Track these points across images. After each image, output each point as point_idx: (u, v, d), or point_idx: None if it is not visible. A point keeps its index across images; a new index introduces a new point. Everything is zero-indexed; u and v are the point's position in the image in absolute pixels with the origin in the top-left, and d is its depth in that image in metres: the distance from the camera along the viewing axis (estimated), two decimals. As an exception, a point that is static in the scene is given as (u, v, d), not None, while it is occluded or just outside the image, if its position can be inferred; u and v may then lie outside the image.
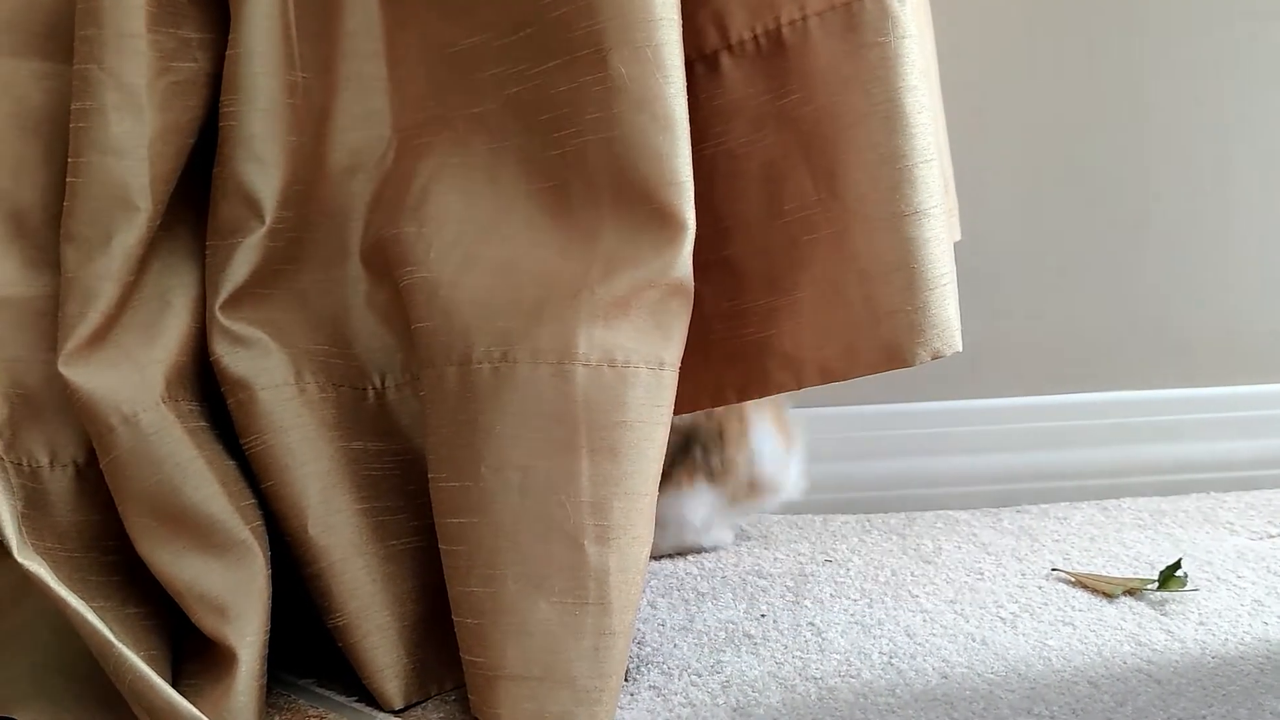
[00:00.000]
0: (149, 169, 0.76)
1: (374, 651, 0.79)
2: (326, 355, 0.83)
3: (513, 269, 0.79)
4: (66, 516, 0.75)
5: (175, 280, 0.80)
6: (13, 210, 0.78)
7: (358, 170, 0.86)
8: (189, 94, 0.79)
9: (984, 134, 1.32)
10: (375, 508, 0.82)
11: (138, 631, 0.74)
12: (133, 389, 0.75)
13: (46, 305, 0.77)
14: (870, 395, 1.31)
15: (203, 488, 0.75)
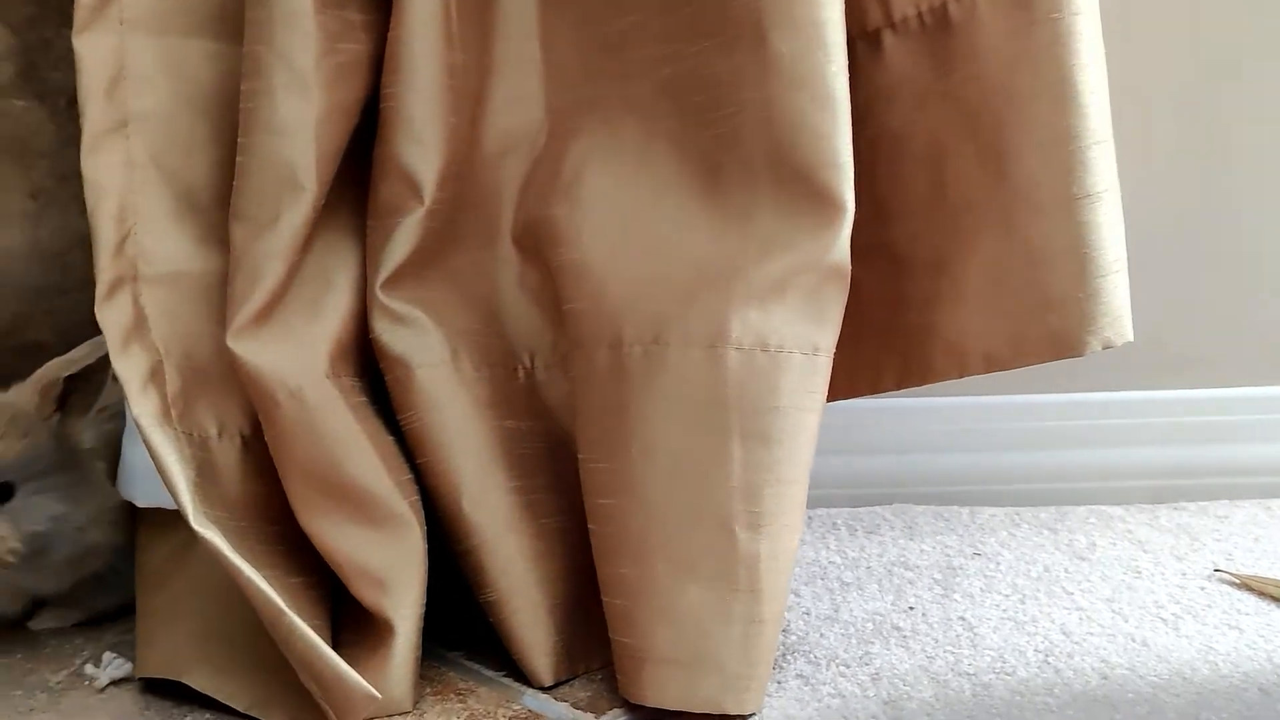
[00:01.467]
0: (314, 149, 0.77)
1: (524, 628, 0.80)
2: (480, 335, 0.84)
3: (664, 251, 0.79)
4: (234, 487, 0.77)
5: (337, 259, 0.82)
6: (184, 188, 0.80)
7: (510, 152, 0.86)
8: (353, 75, 0.79)
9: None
10: (526, 486, 0.82)
11: (301, 601, 0.75)
12: (298, 364, 0.77)
13: (216, 281, 0.79)
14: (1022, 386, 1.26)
15: (363, 462, 0.77)
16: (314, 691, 0.72)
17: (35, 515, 0.86)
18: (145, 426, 0.72)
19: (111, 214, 0.77)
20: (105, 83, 0.78)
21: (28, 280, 1.06)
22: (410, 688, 0.77)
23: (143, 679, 0.82)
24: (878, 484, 1.25)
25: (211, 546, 0.71)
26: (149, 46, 0.79)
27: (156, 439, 0.72)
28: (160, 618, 0.83)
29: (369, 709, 0.73)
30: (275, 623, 0.71)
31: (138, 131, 0.79)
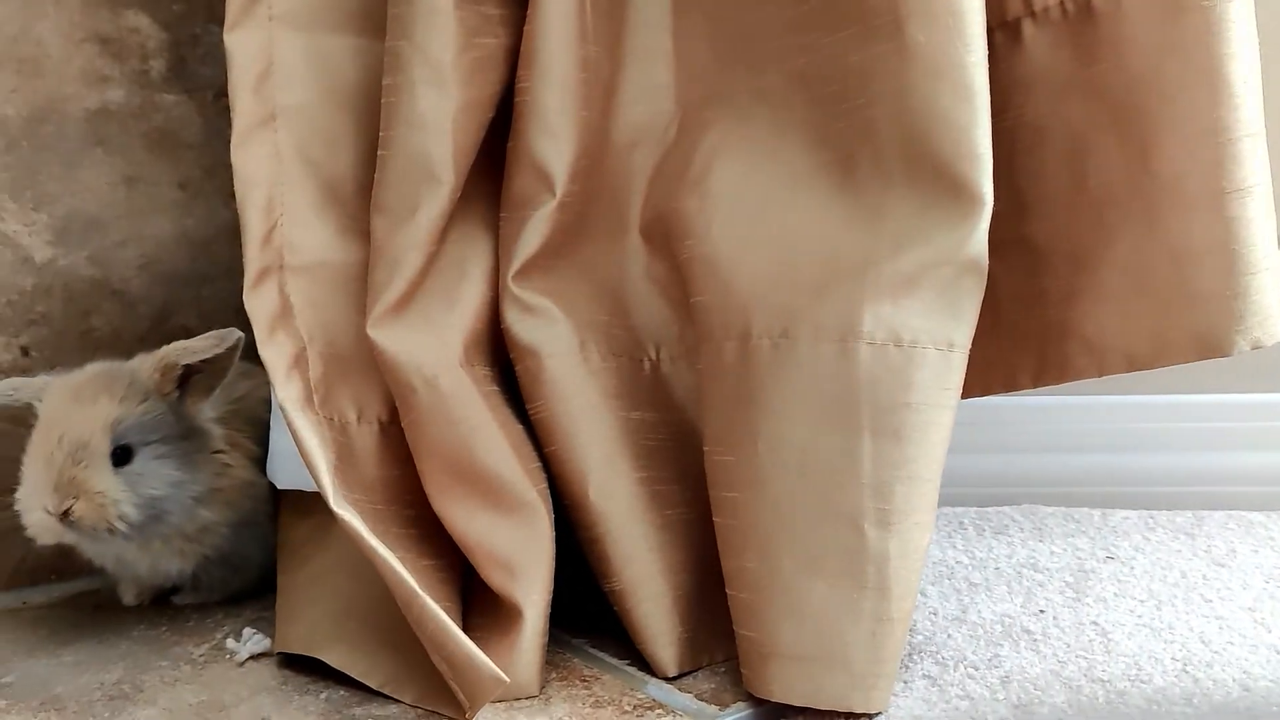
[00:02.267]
0: (452, 143, 0.79)
1: (649, 618, 0.80)
2: (607, 325, 0.84)
3: (795, 244, 0.78)
4: (371, 471, 0.79)
5: (471, 250, 0.83)
6: (328, 180, 0.82)
7: (640, 144, 0.87)
8: (490, 69, 0.81)
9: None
10: (651, 477, 0.82)
11: (433, 583, 0.77)
12: (434, 353, 0.78)
13: (357, 271, 0.82)
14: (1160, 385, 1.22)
15: (495, 449, 0.78)
16: (444, 672, 0.73)
17: (153, 480, 0.86)
18: (289, 411, 0.74)
19: (260, 205, 0.79)
20: (254, 78, 0.80)
21: (176, 267, 1.10)
22: (537, 673, 0.78)
23: (280, 654, 0.85)
24: (1005, 483, 1.22)
25: (350, 528, 0.73)
26: (295, 42, 0.82)
27: (299, 423, 0.74)
28: (300, 596, 0.86)
29: (497, 691, 0.74)
30: (409, 604, 0.73)
31: (284, 125, 0.81)
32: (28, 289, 1.03)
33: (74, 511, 0.82)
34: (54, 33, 1.02)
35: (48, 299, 1.04)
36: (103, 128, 1.05)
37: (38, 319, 1.04)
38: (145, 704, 0.79)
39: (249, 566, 0.97)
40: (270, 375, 0.75)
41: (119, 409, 0.86)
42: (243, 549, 0.95)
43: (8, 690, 0.83)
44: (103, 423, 0.85)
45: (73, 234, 1.05)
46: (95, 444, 0.84)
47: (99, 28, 1.04)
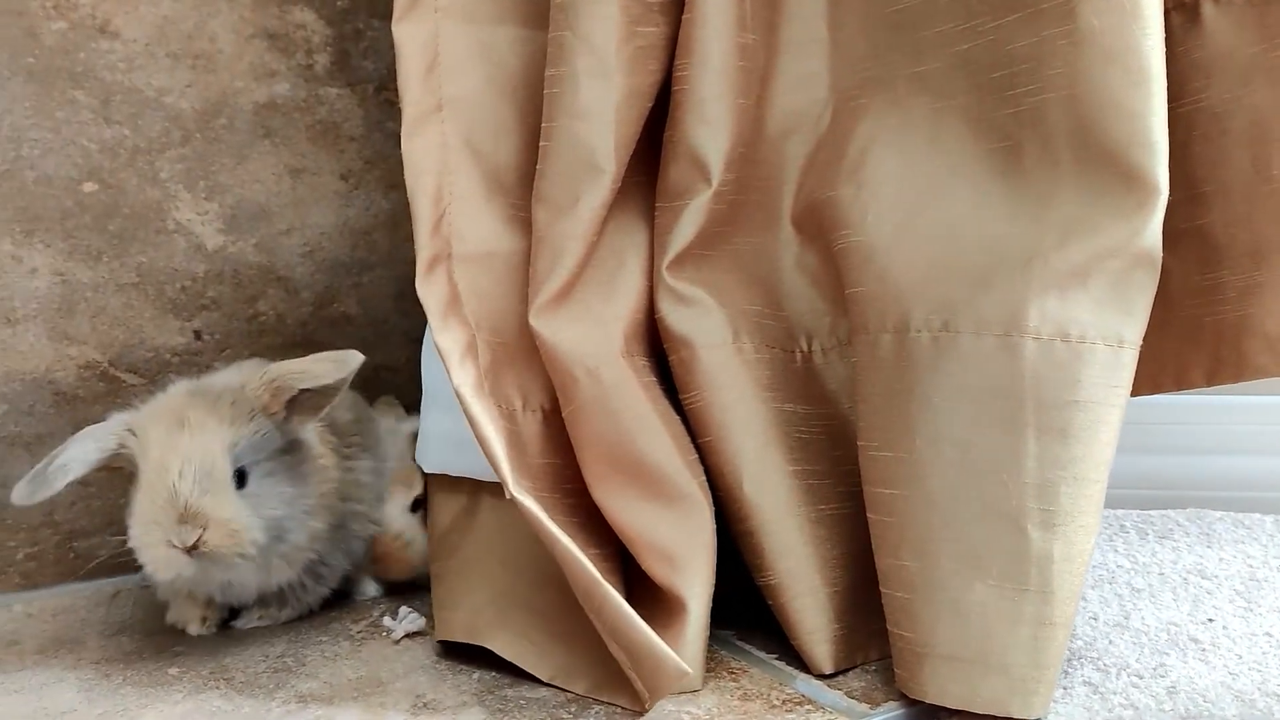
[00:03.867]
0: (613, 133, 0.79)
1: (804, 614, 0.79)
2: (760, 316, 0.84)
3: (955, 234, 0.76)
4: (536, 458, 0.80)
5: (629, 240, 0.83)
6: (492, 169, 0.83)
7: (793, 133, 0.86)
8: (650, 58, 0.81)
9: None
10: (805, 470, 0.81)
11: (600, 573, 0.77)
12: (595, 343, 0.79)
13: (519, 260, 0.82)
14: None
15: (655, 440, 0.78)
16: (623, 662, 0.73)
17: (271, 500, 0.84)
18: (465, 397, 0.75)
19: (429, 193, 0.81)
20: (422, 68, 0.82)
21: (337, 255, 1.13)
22: (700, 666, 0.78)
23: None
24: (1170, 485, 1.17)
25: (529, 515, 0.73)
26: (460, 33, 0.83)
27: (476, 409, 0.75)
28: (455, 583, 0.87)
29: (680, 684, 0.74)
30: (589, 593, 0.73)
31: (451, 115, 0.82)
32: (200, 275, 1.08)
33: (205, 542, 0.79)
34: (226, 29, 1.06)
35: (218, 284, 1.09)
36: (270, 120, 1.09)
37: (209, 304, 1.08)
38: (307, 677, 0.82)
39: (333, 574, 0.95)
40: (445, 362, 0.77)
41: (232, 431, 0.83)
42: (330, 556, 0.93)
43: (180, 659, 0.86)
44: (221, 447, 0.82)
45: (241, 222, 1.09)
46: (218, 470, 0.81)
47: (267, 24, 1.08)
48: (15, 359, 1.01)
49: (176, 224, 1.06)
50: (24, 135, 0.99)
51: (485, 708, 0.76)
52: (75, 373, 1.03)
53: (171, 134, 1.05)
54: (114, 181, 1.03)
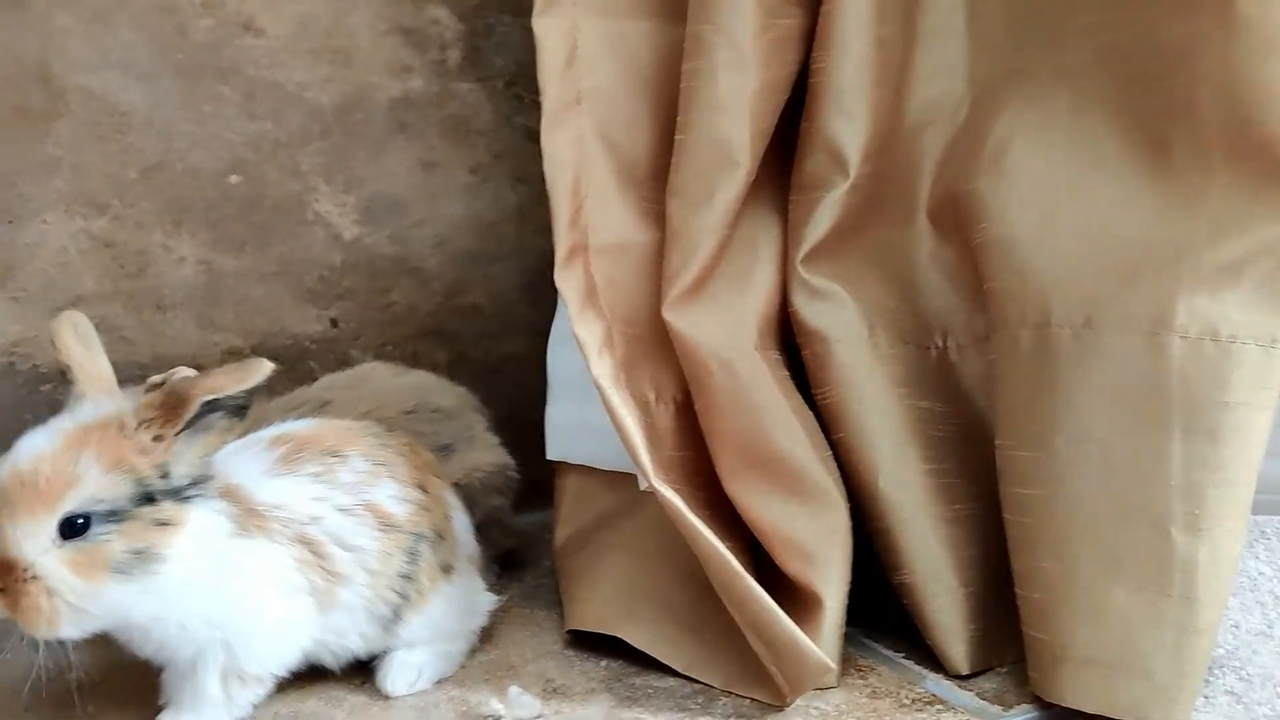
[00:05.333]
0: (750, 125, 0.79)
1: (941, 613, 0.78)
2: (895, 311, 0.83)
3: (1099, 229, 0.74)
4: (669, 450, 0.81)
5: (762, 233, 0.83)
6: (627, 163, 0.84)
7: (929, 125, 0.84)
8: (786, 50, 0.81)
9: None
10: (940, 469, 0.80)
11: (729, 566, 0.78)
12: (729, 336, 0.79)
13: (652, 252, 0.83)
14: None
15: (790, 435, 0.78)
16: (763, 656, 0.74)
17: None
18: (605, 387, 0.76)
19: (567, 186, 0.82)
20: (561, 62, 0.83)
21: (466, 247, 1.16)
22: (836, 662, 0.77)
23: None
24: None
25: (670, 507, 0.74)
26: (597, 27, 0.84)
27: (615, 400, 0.76)
28: (582, 574, 0.88)
29: (822, 679, 0.74)
30: (730, 586, 0.73)
31: (588, 108, 0.83)
32: (337, 265, 1.11)
33: None
34: (363, 25, 1.09)
35: (354, 274, 1.12)
36: (404, 115, 1.12)
37: (344, 293, 1.11)
38: (442, 658, 0.84)
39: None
40: (584, 352, 0.78)
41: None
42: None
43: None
44: None
45: (377, 214, 1.12)
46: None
47: (403, 20, 1.10)
48: (165, 344, 1.05)
49: (315, 215, 1.09)
50: (173, 129, 1.03)
51: (613, 695, 0.77)
52: (219, 358, 1.07)
53: (311, 128, 1.08)
54: (257, 174, 1.07)
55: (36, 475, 0.65)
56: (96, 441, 0.66)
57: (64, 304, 1.01)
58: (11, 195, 0.99)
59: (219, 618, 0.71)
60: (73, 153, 1.00)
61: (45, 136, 0.99)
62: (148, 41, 1.01)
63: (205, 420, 0.68)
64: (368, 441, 0.80)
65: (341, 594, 0.74)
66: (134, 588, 0.67)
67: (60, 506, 0.65)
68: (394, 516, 0.77)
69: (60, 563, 0.65)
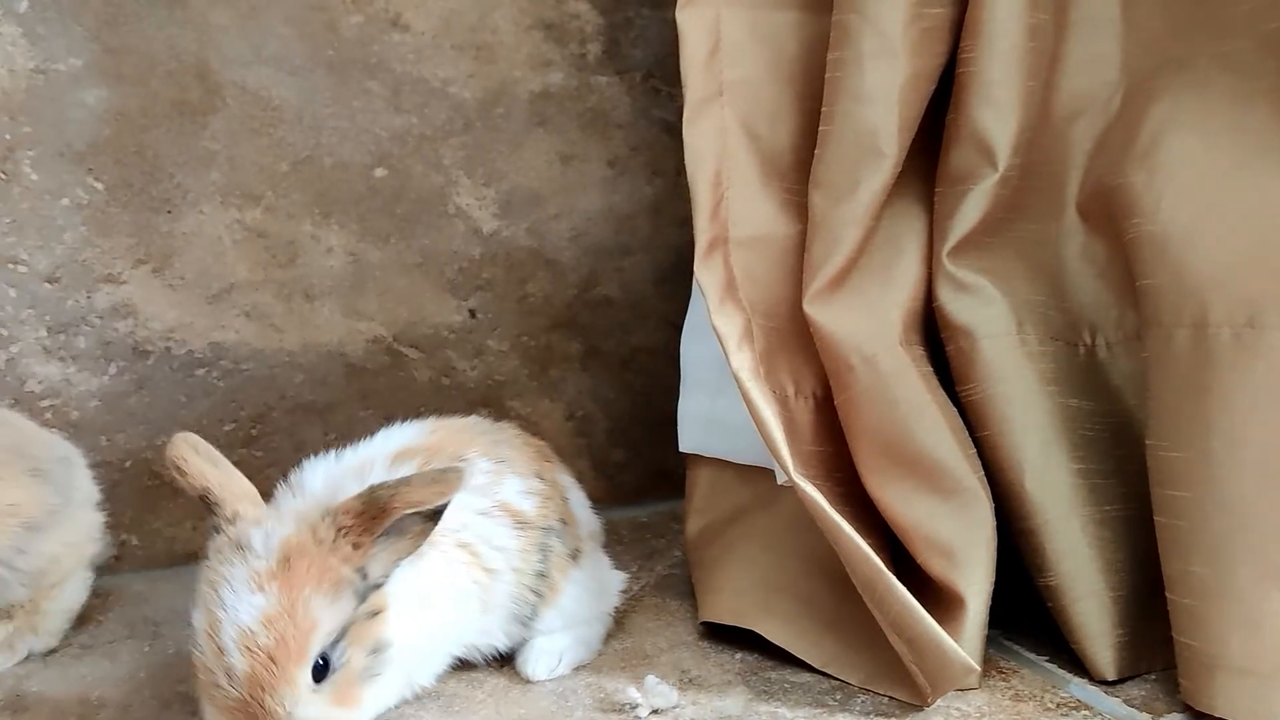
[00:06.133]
0: (897, 116, 0.78)
1: (1086, 617, 0.76)
2: (1044, 307, 0.81)
3: (1263, 224, 0.71)
4: (807, 445, 0.80)
5: (906, 226, 0.82)
6: (769, 154, 0.84)
7: (1080, 116, 0.82)
8: (936, 40, 0.79)
9: None
10: (1089, 469, 0.78)
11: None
12: (871, 331, 0.78)
13: (793, 245, 0.83)
14: None
15: (934, 432, 0.77)
16: (904, 655, 0.73)
17: None
18: (744, 381, 0.76)
19: (708, 178, 0.82)
20: (704, 54, 0.83)
21: (601, 240, 1.17)
22: (978, 663, 0.75)
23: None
24: None
25: (810, 502, 0.74)
26: (741, 18, 0.84)
27: (754, 393, 0.76)
28: (716, 567, 0.88)
29: (965, 680, 0.73)
30: (872, 583, 0.73)
31: (730, 100, 0.83)
32: (475, 257, 1.13)
33: None
34: (506, 20, 1.11)
35: (492, 266, 1.14)
36: (544, 109, 1.13)
37: (483, 284, 1.14)
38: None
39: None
40: (723, 345, 0.78)
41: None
42: None
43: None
44: None
45: (515, 207, 1.13)
46: None
47: (544, 14, 1.12)
48: (312, 332, 1.08)
49: (456, 208, 1.12)
50: (323, 124, 1.06)
51: (749, 688, 0.77)
52: (364, 346, 1.10)
53: (454, 122, 1.10)
54: (402, 167, 1.09)
55: (277, 640, 0.63)
56: (305, 572, 0.65)
57: (218, 291, 1.05)
58: (171, 186, 1.03)
59: (419, 644, 0.72)
60: (228, 146, 1.04)
61: (202, 130, 1.03)
62: (299, 38, 1.04)
63: (400, 525, 0.67)
64: (483, 440, 0.81)
65: (496, 590, 0.76)
66: (385, 681, 0.69)
67: (307, 659, 0.64)
68: (525, 513, 0.78)
69: (324, 704, 0.65)
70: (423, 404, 1.13)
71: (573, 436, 1.19)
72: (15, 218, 0.99)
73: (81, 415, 1.03)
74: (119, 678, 0.83)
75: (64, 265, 1.01)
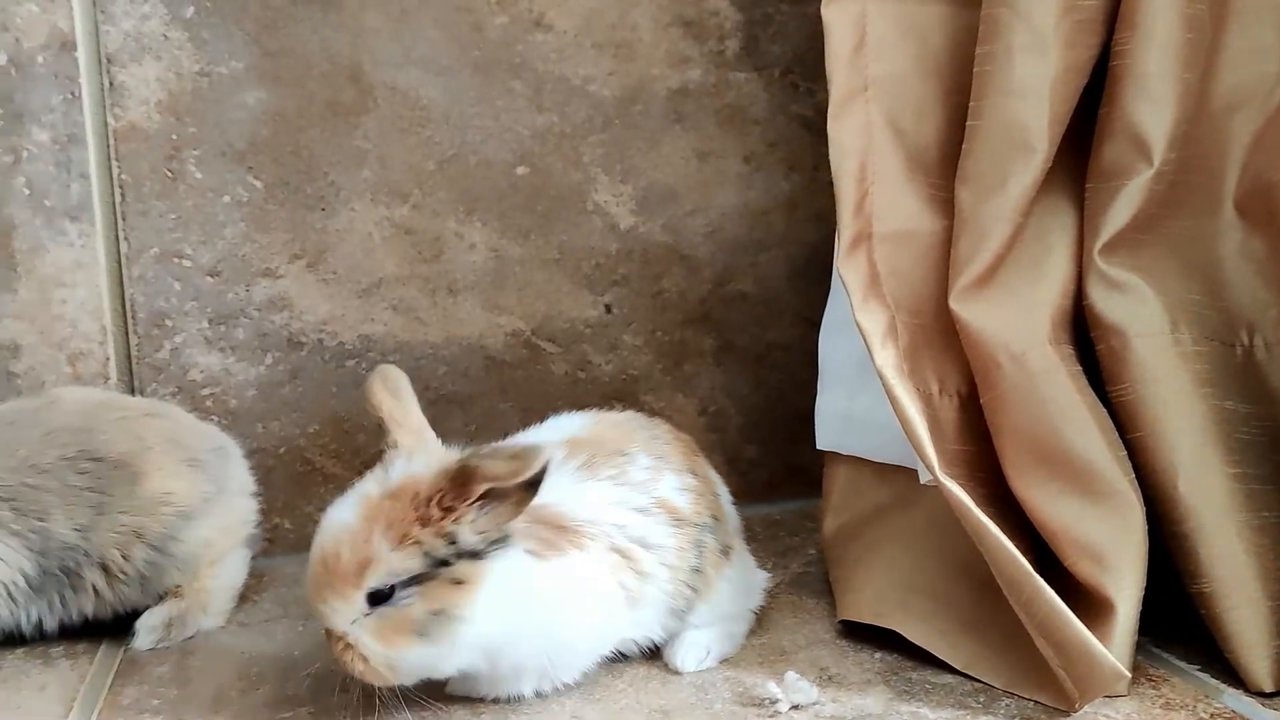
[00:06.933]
0: (1048, 110, 0.77)
1: (1241, 626, 0.74)
2: (1199, 306, 0.79)
3: None
4: (952, 444, 0.79)
5: (1055, 222, 0.80)
6: (914, 149, 0.83)
7: (1239, 109, 0.80)
8: (1089, 32, 0.78)
9: None
10: (1245, 474, 0.76)
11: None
12: (1019, 328, 0.77)
13: (939, 241, 0.82)
14: None
15: (1084, 432, 0.75)
16: (1051, 659, 0.72)
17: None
18: (889, 378, 0.76)
19: (852, 174, 0.82)
20: (849, 49, 0.83)
21: (736, 236, 1.17)
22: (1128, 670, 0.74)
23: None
24: None
25: (956, 502, 0.73)
26: (887, 12, 0.83)
27: (899, 391, 0.76)
28: (855, 566, 0.88)
29: (1115, 686, 0.72)
30: (1018, 585, 0.72)
31: (875, 95, 0.83)
32: (612, 253, 1.14)
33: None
34: (646, 18, 1.11)
35: (628, 262, 1.15)
36: (682, 106, 1.14)
37: (619, 280, 1.15)
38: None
39: None
40: (866, 341, 0.78)
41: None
42: None
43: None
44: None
45: (651, 204, 1.14)
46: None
47: (683, 11, 1.12)
48: (455, 325, 1.11)
49: (594, 205, 1.13)
50: (469, 123, 1.09)
51: (890, 687, 0.77)
52: (503, 340, 1.13)
53: (594, 120, 1.12)
54: (542, 165, 1.11)
55: (338, 557, 0.70)
56: (387, 515, 0.70)
57: (368, 285, 1.09)
58: (324, 184, 1.07)
59: (537, 643, 0.74)
60: (379, 145, 1.07)
61: (354, 130, 1.07)
62: (447, 39, 1.07)
63: (497, 492, 0.70)
64: (642, 435, 0.83)
65: (648, 592, 0.77)
66: (435, 649, 0.71)
67: (364, 583, 0.69)
68: (681, 510, 0.79)
69: (367, 631, 0.70)
70: (559, 397, 1.14)
71: (705, 432, 1.19)
72: (181, 214, 1.04)
73: (239, 403, 1.08)
74: (275, 655, 0.87)
75: (225, 260, 1.06)
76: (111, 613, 0.90)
